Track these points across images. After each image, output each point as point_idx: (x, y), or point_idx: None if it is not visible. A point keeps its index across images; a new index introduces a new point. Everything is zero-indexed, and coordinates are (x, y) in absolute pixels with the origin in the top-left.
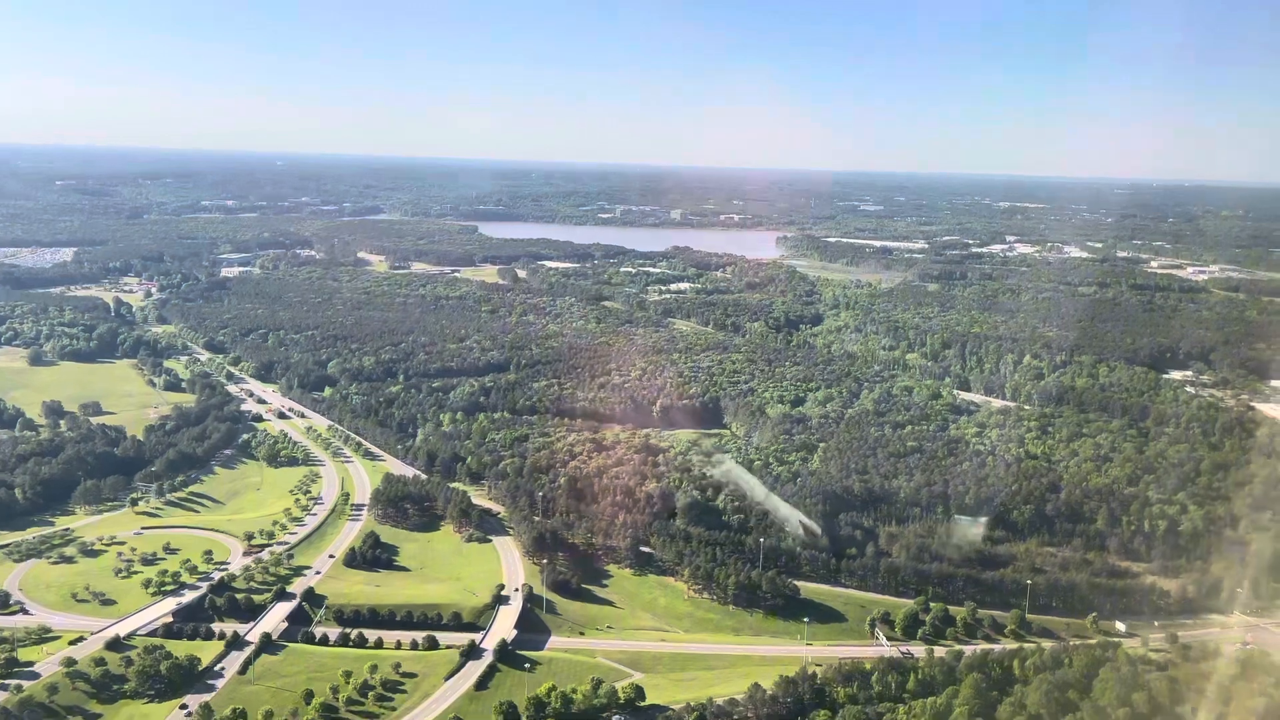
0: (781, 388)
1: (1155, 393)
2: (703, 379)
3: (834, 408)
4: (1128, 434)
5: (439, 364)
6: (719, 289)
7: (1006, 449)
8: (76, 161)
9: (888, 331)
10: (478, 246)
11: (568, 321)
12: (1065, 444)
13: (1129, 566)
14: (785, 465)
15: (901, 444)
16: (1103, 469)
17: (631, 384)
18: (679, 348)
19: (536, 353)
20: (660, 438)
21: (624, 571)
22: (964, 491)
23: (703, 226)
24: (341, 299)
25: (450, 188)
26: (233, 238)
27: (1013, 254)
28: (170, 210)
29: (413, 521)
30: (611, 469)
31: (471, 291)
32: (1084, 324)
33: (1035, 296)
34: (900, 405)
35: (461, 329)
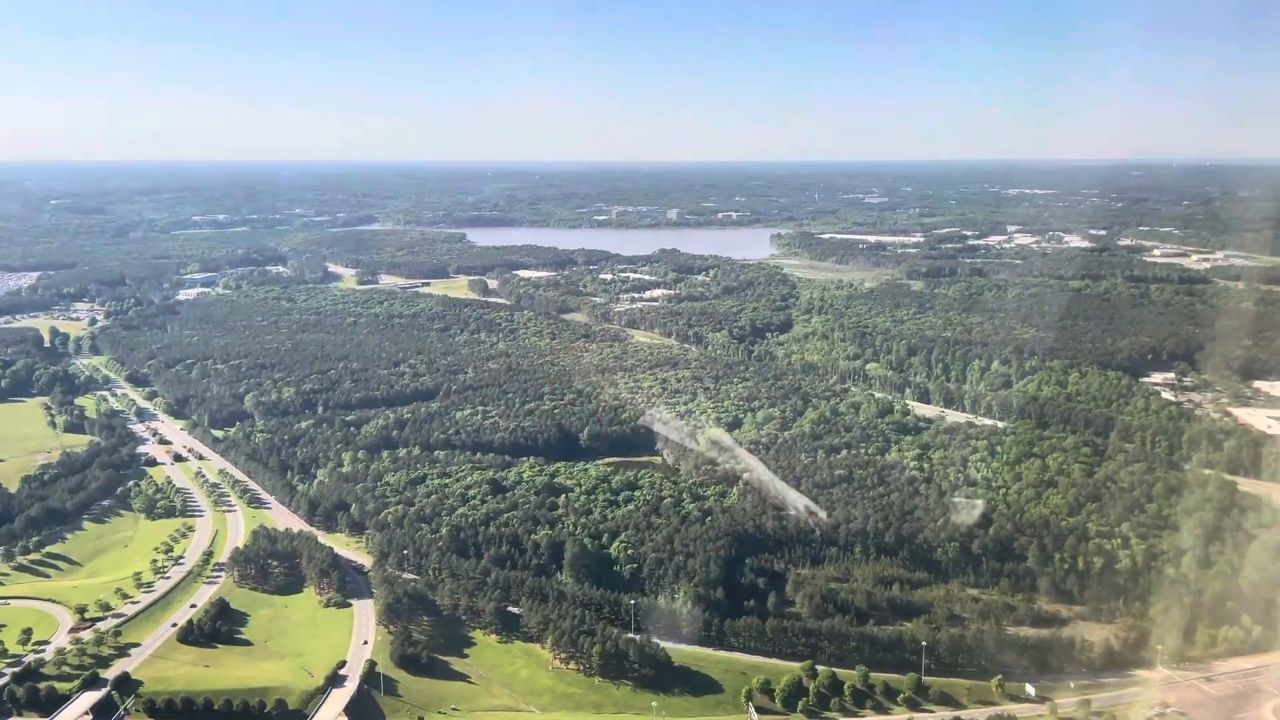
0: (721, 408)
1: (1125, 401)
2: (640, 401)
3: (770, 430)
4: (1081, 453)
5: (363, 393)
6: (694, 295)
7: (945, 475)
8: (80, 179)
9: (855, 338)
10: (456, 257)
11: (521, 338)
12: (1011, 466)
13: (1058, 611)
14: (699, 502)
15: (830, 472)
16: (1044, 496)
17: (562, 410)
18: (626, 365)
19: (471, 377)
20: (572, 474)
21: (489, 638)
22: (884, 528)
23: (699, 226)
24: (290, 321)
25: (450, 193)
26: (206, 256)
27: (1010, 246)
28: (158, 228)
29: (275, 583)
30: (504, 514)
31: (429, 308)
32: (1066, 323)
33: (1022, 293)
34: (842, 425)
35: (401, 351)
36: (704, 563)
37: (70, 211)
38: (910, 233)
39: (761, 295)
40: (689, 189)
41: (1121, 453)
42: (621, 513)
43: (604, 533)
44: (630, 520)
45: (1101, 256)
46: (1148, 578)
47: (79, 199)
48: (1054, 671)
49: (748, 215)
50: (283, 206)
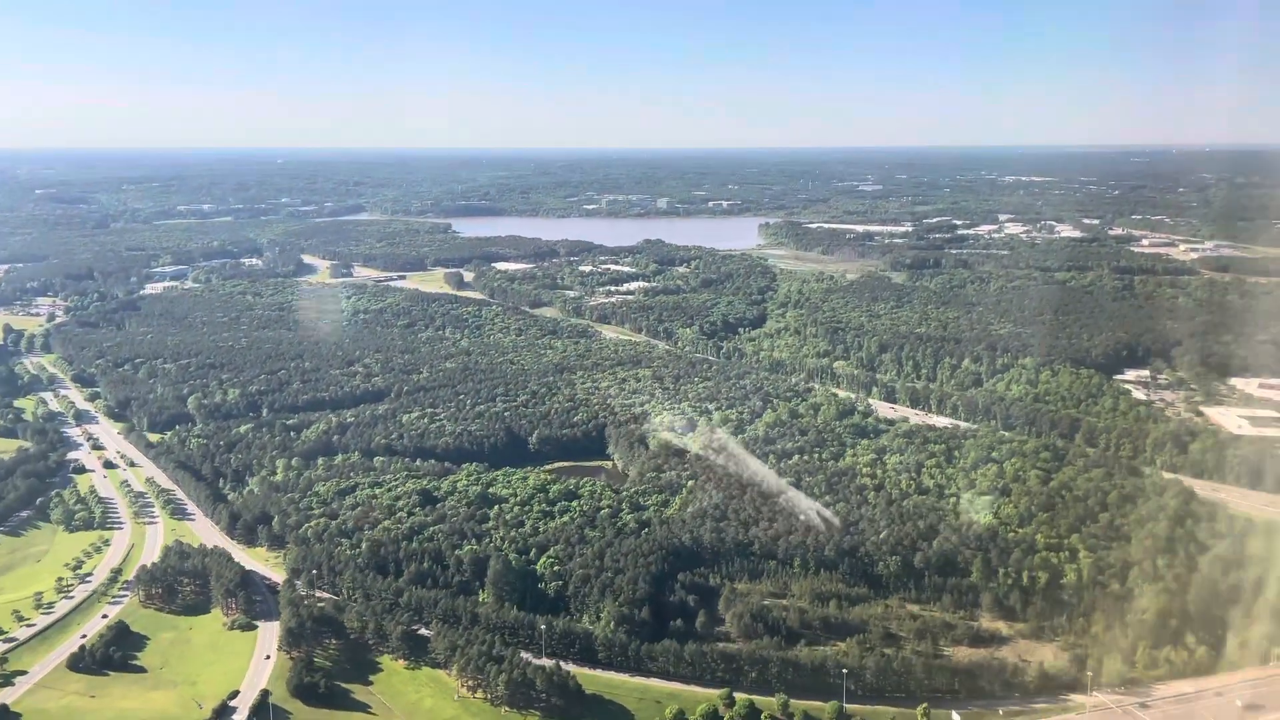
0: (677, 409)
1: (1094, 401)
2: (595, 402)
3: (725, 433)
4: (1040, 457)
5: (311, 395)
6: (671, 288)
7: (897, 482)
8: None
9: (827, 334)
10: (436, 248)
11: (485, 335)
12: (967, 473)
13: (999, 629)
14: (638, 512)
15: (776, 481)
16: (996, 505)
17: (513, 412)
18: (587, 363)
19: (425, 377)
20: (510, 483)
21: (397, 664)
22: (825, 541)
23: (689, 215)
24: (251, 317)
25: (443, 181)
26: (180, 248)
27: (1000, 235)
28: (141, 218)
29: (183, 603)
30: (430, 528)
31: (396, 303)
32: (1045, 318)
33: (1004, 286)
34: (799, 428)
35: (358, 350)
36: (632, 580)
37: (55, 201)
38: (900, 221)
39: (740, 288)
40: (683, 176)
41: (1082, 457)
42: (555, 525)
43: (533, 547)
44: (562, 534)
45: (1090, 247)
46: (1092, 593)
47: (66, 188)
48: (985, 696)
49: (739, 204)
50: (270, 196)
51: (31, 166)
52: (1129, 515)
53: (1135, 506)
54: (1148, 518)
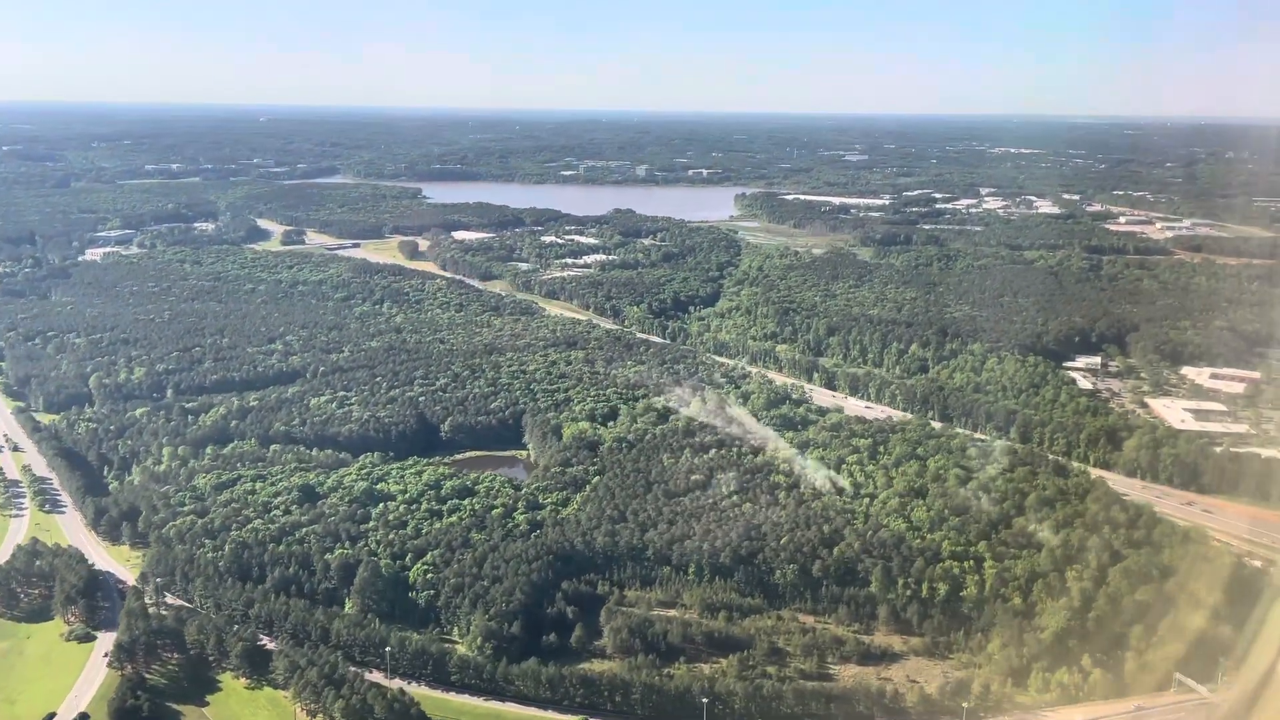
0: (600, 398)
1: (1035, 391)
2: (518, 387)
3: (645, 424)
4: (967, 454)
5: (221, 375)
6: (629, 262)
7: (812, 481)
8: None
9: (777, 314)
10: (397, 215)
11: (424, 310)
12: (887, 470)
13: (892, 644)
14: (534, 512)
15: (687, 478)
16: (908, 508)
17: (429, 396)
18: (520, 344)
19: (346, 356)
20: (403, 477)
21: (238, 683)
22: (721, 547)
23: (668, 183)
24: (185, 287)
25: (423, 144)
26: (134, 210)
27: (977, 210)
28: (106, 177)
29: (28, 608)
30: (304, 528)
31: (338, 274)
32: (1004, 299)
33: (970, 264)
34: (723, 418)
35: (284, 325)
36: (508, 590)
37: (20, 158)
38: (880, 194)
39: (700, 263)
40: (669, 143)
41: (1010, 454)
42: (440, 526)
43: (409, 552)
44: (446, 536)
45: (1065, 224)
46: (992, 608)
47: (34, 144)
48: None
49: (719, 172)
50: (243, 156)
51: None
52: (1045, 521)
53: (1053, 511)
54: (1063, 523)
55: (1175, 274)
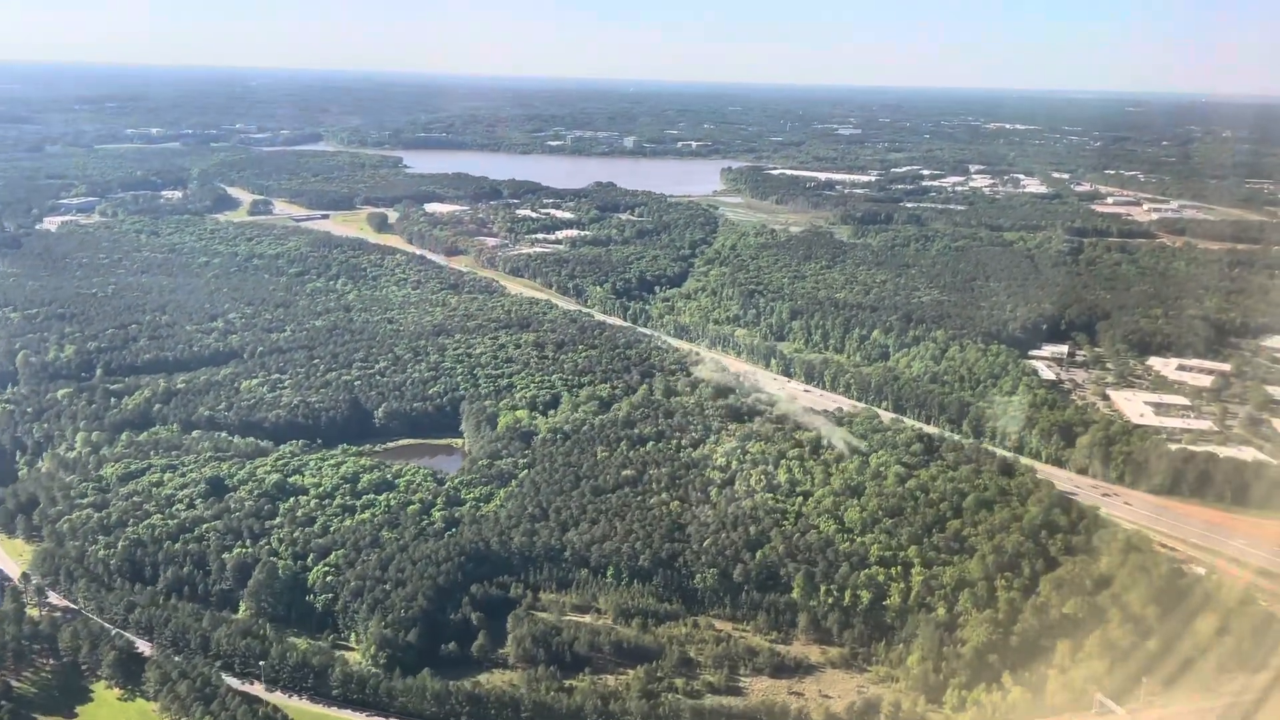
0: (543, 383)
1: (994, 382)
2: (460, 371)
3: (586, 413)
4: (911, 450)
5: (154, 354)
6: (601, 238)
7: (749, 477)
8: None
9: (742, 296)
10: (372, 185)
11: (379, 287)
12: (827, 467)
13: (809, 655)
14: (454, 508)
15: (618, 472)
16: (842, 508)
17: (365, 380)
18: (471, 325)
19: (287, 336)
20: (321, 469)
21: (111, 693)
22: (641, 549)
23: (656, 155)
24: (136, 260)
25: (412, 110)
26: (104, 176)
27: (963, 188)
28: (83, 141)
29: None
30: (208, 524)
31: (297, 247)
32: (977, 283)
33: (947, 246)
34: (666, 409)
35: (230, 301)
36: (410, 595)
37: None
38: (868, 170)
39: (673, 241)
40: (662, 113)
41: (955, 450)
42: (350, 524)
43: (313, 551)
44: (355, 535)
45: (1049, 204)
46: (916, 618)
47: (15, 106)
48: None
49: (709, 145)
50: (227, 121)
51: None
52: (980, 524)
53: (991, 513)
54: (999, 527)
55: (1155, 259)
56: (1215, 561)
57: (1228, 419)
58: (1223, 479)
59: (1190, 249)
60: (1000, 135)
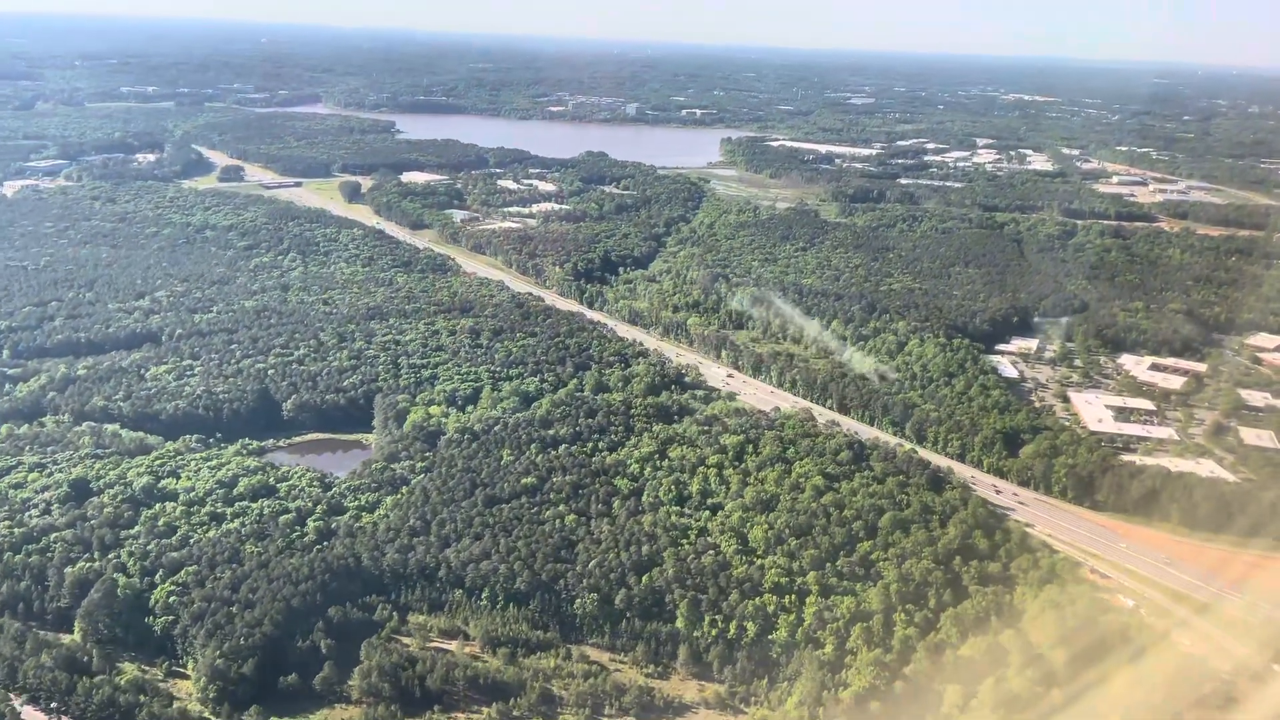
0: (470, 376)
1: (948, 381)
2: (384, 360)
3: (503, 410)
4: (838, 458)
5: (68, 335)
6: (576, 213)
7: (659, 487)
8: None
9: (708, 280)
10: (354, 151)
11: (329, 264)
12: (747, 476)
13: (685, 693)
14: (334, 518)
15: (516, 480)
16: (749, 525)
17: (280, 369)
18: (409, 308)
19: (213, 317)
20: (200, 471)
21: None
22: (521, 569)
23: (658, 123)
24: (84, 229)
25: (417, 71)
26: (80, 138)
27: (966, 164)
28: (76, 100)
29: None
30: (57, 532)
31: (253, 218)
32: (954, 268)
33: (934, 226)
34: (590, 407)
35: (162, 278)
36: (256, 619)
37: None
38: (872, 142)
39: (650, 217)
40: (673, 78)
41: (885, 460)
42: (214, 535)
43: (164, 567)
44: (215, 548)
45: (1051, 182)
46: (801, 654)
47: (16, 62)
48: None
49: (713, 113)
50: (225, 80)
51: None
52: (894, 546)
53: (907, 535)
54: (911, 551)
55: (1149, 245)
56: (1147, 592)
57: (1191, 426)
58: (1169, 497)
59: (1188, 235)
60: (1016, 107)
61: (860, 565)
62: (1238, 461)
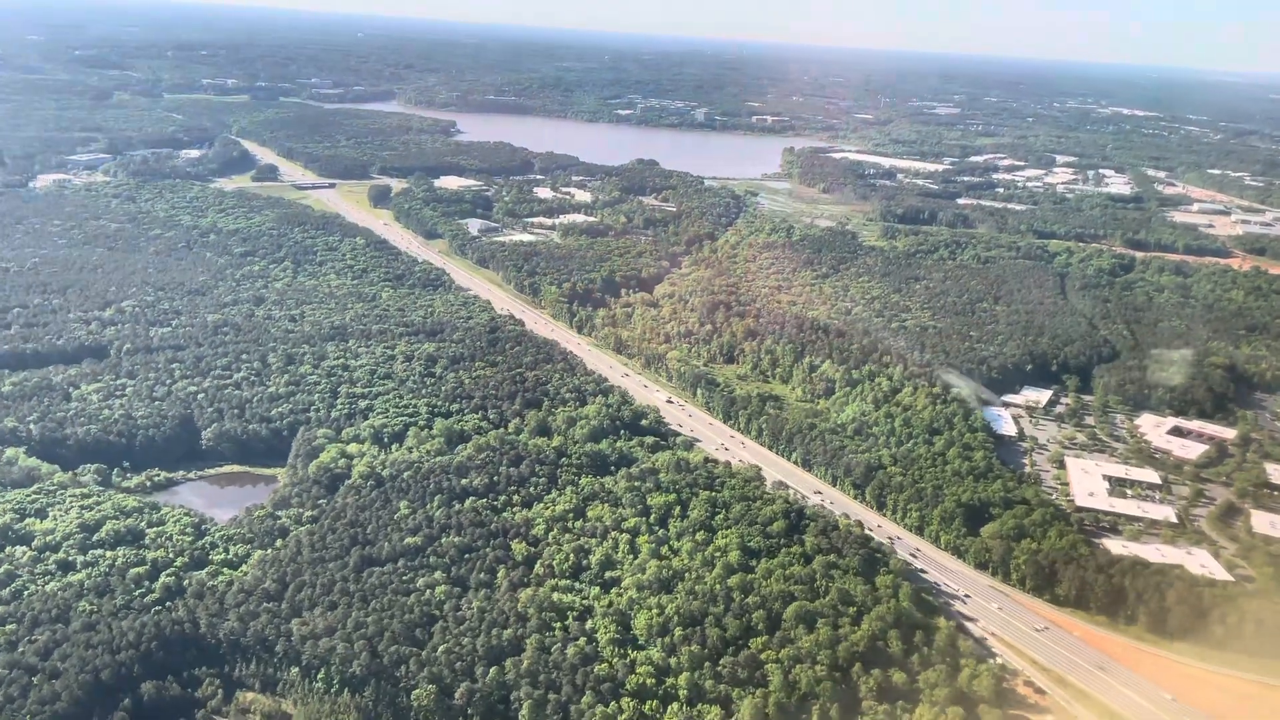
0: (406, 409)
1: (929, 439)
2: (324, 387)
3: (424, 453)
4: (769, 530)
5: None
6: (600, 227)
7: (557, 554)
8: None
9: (707, 307)
10: (401, 153)
11: (318, 275)
12: (660, 546)
13: None
14: (193, 571)
15: (400, 540)
16: (638, 608)
17: (210, 393)
18: (376, 329)
19: (169, 332)
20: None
21: None
22: (358, 651)
23: (726, 129)
24: (89, 229)
25: (501, 69)
26: (138, 132)
27: (1036, 184)
28: (156, 90)
29: None
30: None
31: (262, 222)
32: (982, 305)
33: (975, 256)
34: (516, 455)
35: (137, 286)
36: (52, 694)
37: (87, 65)
38: (943, 157)
39: (677, 233)
40: (755, 81)
41: (822, 533)
42: (52, 588)
43: None
44: (46, 604)
45: (1123, 209)
46: None
47: (109, 51)
48: None
49: (785, 120)
50: (305, 74)
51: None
52: (791, 644)
53: (812, 630)
54: (808, 653)
55: (1210, 285)
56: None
57: (1198, 506)
58: (1137, 597)
59: (1258, 275)
60: (1112, 122)
61: (746, 667)
62: (1239, 554)
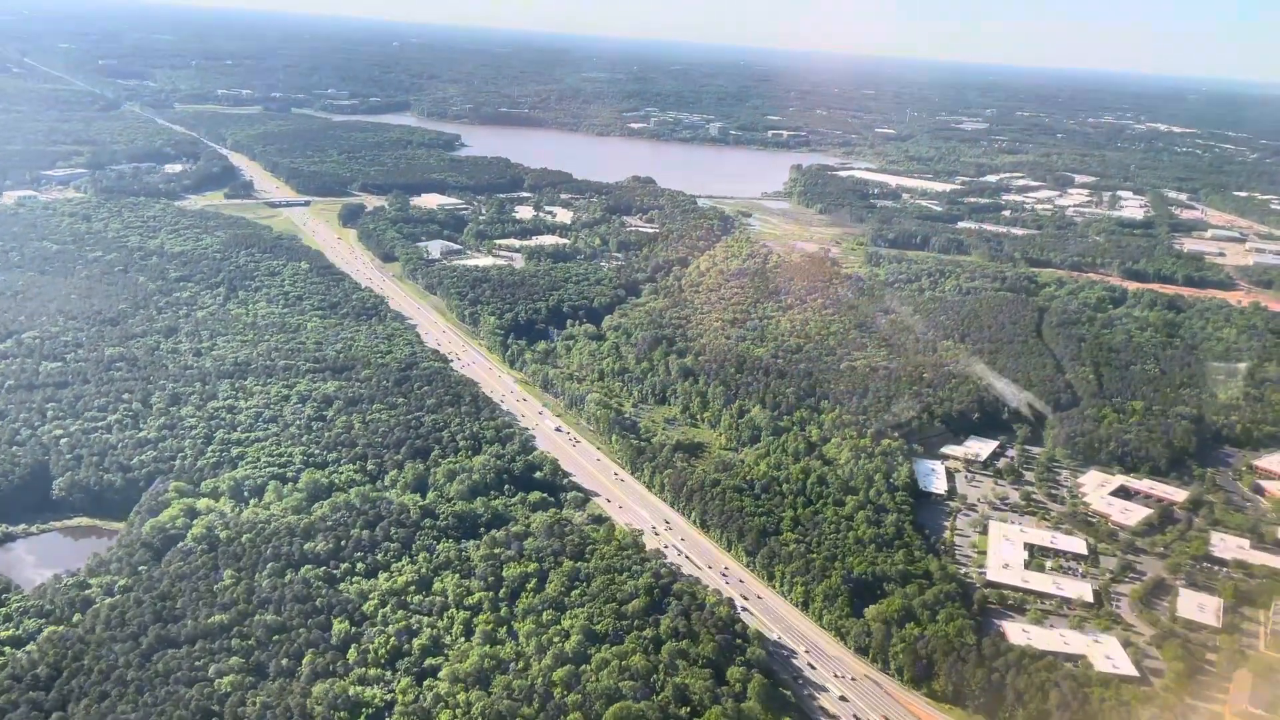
0: (280, 459)
1: (838, 497)
2: (200, 432)
3: (283, 508)
4: (626, 608)
5: None
6: (567, 251)
7: (378, 635)
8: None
9: (650, 342)
10: (388, 170)
11: (249, 303)
12: (498, 628)
13: None
14: None
15: (204, 619)
16: (442, 706)
17: (75, 438)
18: (280, 365)
19: (59, 368)
20: None
21: None
22: None
23: (738, 144)
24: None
25: (520, 80)
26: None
27: (1046, 207)
28: (168, 101)
29: None
30: None
31: (210, 244)
32: (946, 343)
33: (959, 286)
34: (380, 512)
35: (46, 315)
36: None
37: (106, 75)
38: (956, 176)
39: (645, 260)
40: (784, 94)
41: (686, 613)
42: None
43: None
44: None
45: (1130, 235)
46: None
47: (132, 60)
48: None
49: (800, 136)
50: (322, 85)
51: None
52: None
53: None
54: None
55: (1202, 322)
56: None
57: (1120, 584)
58: (1015, 696)
59: (1256, 312)
60: (1145, 139)
61: None
62: (1154, 641)
